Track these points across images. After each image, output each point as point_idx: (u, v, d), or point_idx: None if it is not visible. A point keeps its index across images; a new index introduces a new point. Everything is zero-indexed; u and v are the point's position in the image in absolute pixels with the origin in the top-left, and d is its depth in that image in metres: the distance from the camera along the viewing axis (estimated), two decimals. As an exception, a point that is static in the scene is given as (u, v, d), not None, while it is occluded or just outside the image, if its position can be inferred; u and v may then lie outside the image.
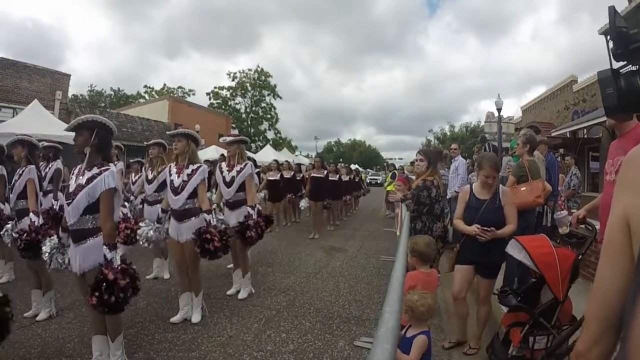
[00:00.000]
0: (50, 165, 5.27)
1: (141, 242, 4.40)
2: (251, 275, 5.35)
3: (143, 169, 6.53)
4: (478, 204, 3.56)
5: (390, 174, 15.62)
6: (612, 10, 1.16)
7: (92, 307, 2.90)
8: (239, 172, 5.05)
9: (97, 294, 2.81)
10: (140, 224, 4.46)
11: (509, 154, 7.78)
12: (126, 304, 2.97)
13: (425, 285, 2.96)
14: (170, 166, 4.40)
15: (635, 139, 2.57)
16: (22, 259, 4.11)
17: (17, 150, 4.36)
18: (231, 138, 5.35)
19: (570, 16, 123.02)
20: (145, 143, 6.52)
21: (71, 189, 3.06)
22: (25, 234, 3.89)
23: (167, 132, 5.09)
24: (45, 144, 5.33)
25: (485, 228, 3.39)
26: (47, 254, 3.25)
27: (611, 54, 1.22)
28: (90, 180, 3.01)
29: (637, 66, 1.11)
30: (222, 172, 5.20)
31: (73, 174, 3.16)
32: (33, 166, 4.34)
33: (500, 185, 3.70)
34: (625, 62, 1.18)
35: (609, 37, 1.18)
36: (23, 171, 4.26)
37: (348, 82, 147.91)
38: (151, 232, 4.36)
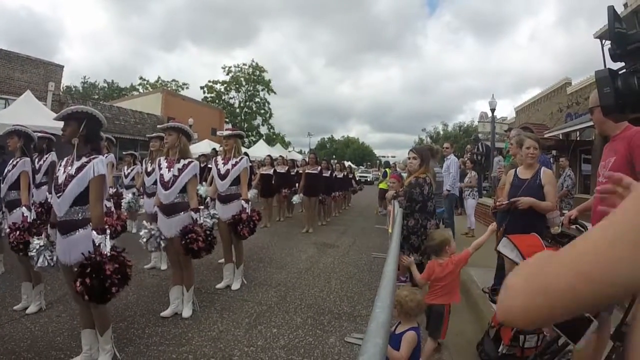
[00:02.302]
0: (44, 158, 5.22)
1: (147, 248, 4.30)
2: (243, 269, 5.37)
3: (144, 161, 6.53)
4: (520, 183, 3.76)
5: (383, 172, 15.68)
6: (612, 11, 1.16)
7: (78, 295, 2.86)
8: (234, 165, 5.08)
9: (80, 279, 2.77)
10: (141, 233, 4.34)
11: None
12: (115, 291, 2.90)
13: (437, 274, 3.21)
14: (159, 160, 4.36)
15: (625, 139, 2.58)
16: (12, 251, 4.07)
17: (12, 140, 4.30)
18: (228, 132, 5.42)
19: (567, 20, 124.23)
20: (147, 136, 6.52)
21: (60, 181, 3.03)
22: (17, 232, 3.85)
23: (158, 126, 5.07)
24: (39, 135, 5.28)
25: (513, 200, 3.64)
26: (34, 250, 3.20)
27: (609, 55, 1.22)
28: (80, 169, 2.99)
29: (635, 66, 1.11)
30: (217, 165, 5.20)
31: (61, 165, 3.13)
32: (28, 159, 4.29)
33: (543, 167, 3.80)
34: (623, 63, 1.18)
35: (608, 37, 1.18)
36: (17, 162, 4.21)
37: (344, 80, 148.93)
38: (151, 239, 4.22)
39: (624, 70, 1.17)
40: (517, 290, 0.62)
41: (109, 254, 2.90)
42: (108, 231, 3.03)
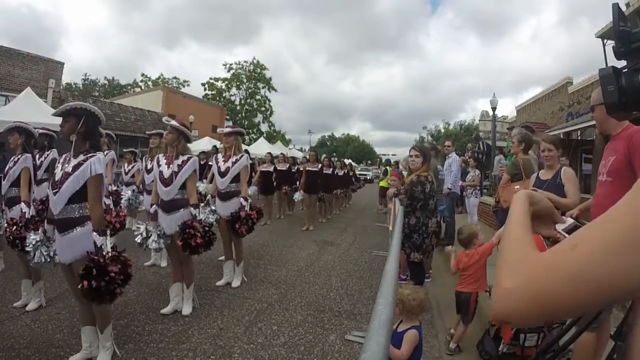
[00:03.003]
0: (46, 154, 5.21)
1: (151, 248, 4.28)
2: (243, 266, 5.38)
3: (144, 158, 6.53)
4: (540, 184, 3.72)
5: (383, 169, 15.68)
6: (616, 9, 1.15)
7: (83, 296, 2.87)
8: (234, 162, 5.07)
9: (86, 282, 2.77)
10: (136, 231, 4.32)
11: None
12: (119, 291, 2.93)
13: (464, 264, 3.54)
14: (158, 157, 4.34)
15: (625, 139, 2.57)
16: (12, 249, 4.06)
17: (13, 137, 4.29)
18: (228, 129, 5.39)
19: (569, 20, 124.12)
20: (147, 133, 6.51)
21: (57, 178, 3.02)
22: (14, 227, 3.84)
23: (163, 118, 5.04)
24: (40, 131, 5.27)
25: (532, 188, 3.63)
26: (31, 245, 3.19)
27: (613, 53, 1.21)
28: (76, 167, 2.98)
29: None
30: (217, 163, 5.20)
31: (59, 162, 3.13)
32: (29, 155, 4.29)
33: (564, 167, 3.76)
34: (626, 62, 1.17)
35: (611, 35, 1.18)
36: (18, 159, 4.21)
37: (346, 78, 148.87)
38: (154, 242, 4.15)
39: (628, 69, 1.16)
40: (518, 295, 0.59)
41: (110, 255, 2.90)
42: (108, 231, 3.03)
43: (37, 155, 5.02)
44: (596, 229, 0.54)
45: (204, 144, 19.09)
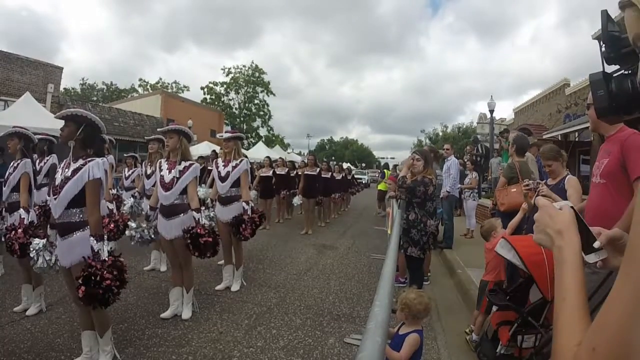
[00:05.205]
0: (45, 159, 5.21)
1: (132, 243, 4.36)
2: (243, 270, 5.38)
3: (143, 164, 6.54)
4: None
5: (381, 173, 15.71)
6: (605, 15, 1.17)
7: (80, 301, 2.88)
8: (234, 167, 5.11)
9: (83, 287, 2.79)
10: (129, 224, 4.41)
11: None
12: (114, 297, 2.94)
13: (486, 254, 3.86)
14: (160, 162, 4.37)
15: (619, 141, 2.59)
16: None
17: (12, 142, 4.30)
18: (228, 134, 5.43)
19: (568, 22, 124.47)
20: (145, 138, 6.53)
21: (57, 182, 3.04)
22: (13, 232, 3.85)
23: (158, 130, 5.07)
24: (40, 136, 5.27)
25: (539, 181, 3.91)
26: (34, 251, 3.21)
27: (603, 58, 1.23)
28: (75, 171, 3.00)
29: (629, 69, 1.12)
30: (217, 167, 5.23)
31: (59, 167, 3.15)
32: (29, 160, 4.29)
33: (569, 175, 3.81)
34: (618, 66, 1.19)
35: (601, 41, 1.19)
36: (18, 164, 4.21)
37: (346, 81, 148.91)
38: (140, 232, 4.33)
39: (618, 73, 1.18)
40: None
41: (106, 260, 2.92)
42: (106, 236, 3.05)
43: (37, 161, 5.03)
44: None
45: (202, 148, 19.07)
